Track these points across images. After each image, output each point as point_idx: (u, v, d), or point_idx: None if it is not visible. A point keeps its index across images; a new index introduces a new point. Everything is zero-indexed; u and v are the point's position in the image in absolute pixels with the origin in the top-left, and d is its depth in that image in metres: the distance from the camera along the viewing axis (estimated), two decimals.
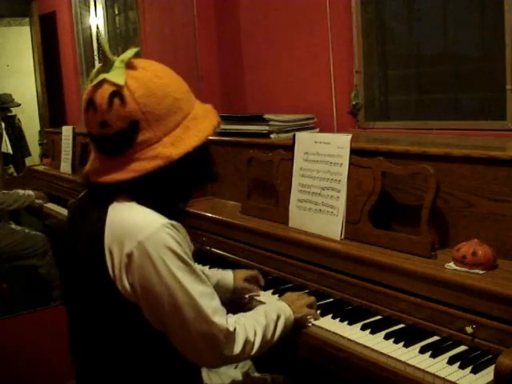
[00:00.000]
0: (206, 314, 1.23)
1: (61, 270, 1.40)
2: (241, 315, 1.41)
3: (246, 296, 1.82)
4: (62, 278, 1.39)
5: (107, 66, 1.22)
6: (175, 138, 1.23)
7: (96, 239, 1.22)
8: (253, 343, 1.34)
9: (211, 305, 1.25)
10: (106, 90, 1.20)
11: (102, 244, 1.21)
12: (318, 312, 1.64)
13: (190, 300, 1.22)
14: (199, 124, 1.27)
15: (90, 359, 1.33)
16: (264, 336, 1.38)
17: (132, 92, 1.19)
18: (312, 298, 1.65)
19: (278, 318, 1.46)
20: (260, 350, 1.37)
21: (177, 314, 1.22)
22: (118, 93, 1.19)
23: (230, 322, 1.30)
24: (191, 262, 1.25)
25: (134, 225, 1.20)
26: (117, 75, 1.20)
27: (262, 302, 1.77)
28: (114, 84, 1.19)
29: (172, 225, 1.22)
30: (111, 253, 1.21)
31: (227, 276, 1.79)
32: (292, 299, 1.60)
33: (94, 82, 1.22)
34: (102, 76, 1.21)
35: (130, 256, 1.19)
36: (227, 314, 1.34)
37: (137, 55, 1.27)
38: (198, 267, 2.13)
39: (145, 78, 1.22)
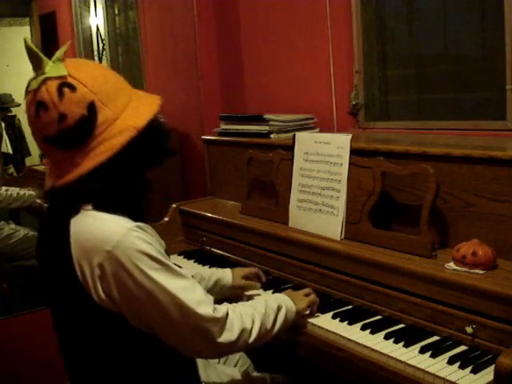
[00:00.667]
0: (190, 309, 1.22)
1: (39, 279, 1.38)
2: (239, 304, 1.41)
3: (246, 293, 1.82)
4: (41, 285, 1.36)
5: (41, 66, 1.20)
6: (133, 111, 1.23)
7: (63, 253, 1.21)
8: (250, 331, 1.32)
9: (194, 297, 1.23)
10: (51, 85, 1.18)
11: (70, 258, 1.19)
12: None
13: (172, 298, 1.20)
14: (147, 99, 1.29)
15: (80, 361, 1.32)
16: (262, 324, 1.36)
17: (77, 78, 1.19)
18: (313, 295, 1.65)
19: (279, 308, 1.45)
20: (259, 339, 1.36)
21: (162, 315, 1.21)
22: (65, 83, 1.18)
23: (220, 309, 1.29)
24: (165, 260, 1.22)
25: (100, 235, 1.18)
26: (56, 69, 1.19)
27: (250, 298, 1.78)
28: (58, 77, 1.18)
29: (138, 226, 1.20)
30: (81, 265, 1.19)
31: (226, 274, 1.79)
32: (293, 293, 1.60)
33: (34, 86, 1.19)
34: (40, 78, 1.19)
35: (101, 267, 1.17)
36: (223, 302, 1.34)
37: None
38: (197, 266, 2.15)
39: (83, 67, 1.23)
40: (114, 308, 1.20)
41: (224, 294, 1.74)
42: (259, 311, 1.38)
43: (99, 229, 1.19)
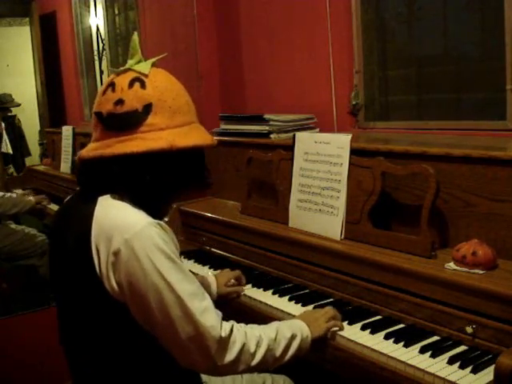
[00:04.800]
0: (192, 315, 1.20)
1: (50, 272, 1.39)
2: (248, 325, 1.36)
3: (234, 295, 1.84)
4: (50, 279, 1.38)
5: (135, 60, 1.32)
6: (180, 133, 1.28)
7: (83, 235, 1.22)
8: (253, 353, 1.29)
9: (200, 306, 1.22)
10: (130, 75, 1.29)
11: (89, 241, 1.21)
12: (345, 323, 1.57)
13: (176, 298, 1.20)
14: (201, 132, 1.35)
15: (83, 360, 1.32)
16: (269, 350, 1.32)
17: (153, 81, 1.29)
18: (334, 313, 1.56)
19: (293, 337, 1.39)
20: (264, 364, 1.32)
21: (164, 313, 1.20)
22: (140, 79, 1.28)
23: (225, 326, 1.26)
24: (178, 261, 1.23)
25: (122, 223, 1.21)
26: (142, 66, 1.30)
27: (251, 297, 1.80)
28: (138, 72, 1.29)
29: (159, 224, 1.23)
30: (98, 250, 1.21)
31: (209, 284, 1.76)
32: (311, 318, 1.51)
33: (118, 71, 1.32)
34: (126, 67, 1.31)
35: (116, 254, 1.19)
36: (230, 320, 1.31)
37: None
38: (197, 266, 2.15)
39: (167, 76, 1.34)
40: (122, 299, 1.21)
41: None
42: (268, 335, 1.34)
43: (122, 217, 1.23)
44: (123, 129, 1.25)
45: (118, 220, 1.22)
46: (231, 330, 1.26)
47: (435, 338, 1.47)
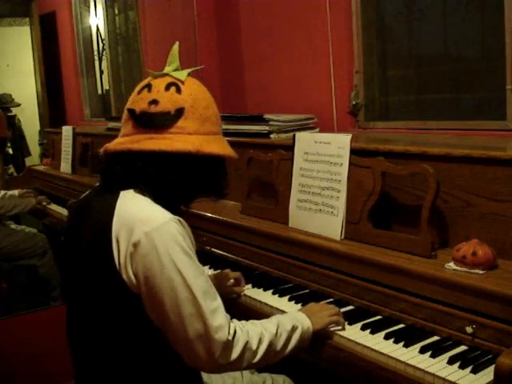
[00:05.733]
0: (203, 313, 1.22)
1: (62, 269, 1.41)
2: (249, 322, 1.38)
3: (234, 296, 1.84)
4: (62, 276, 1.41)
5: (172, 67, 1.39)
6: (206, 140, 1.34)
7: (104, 226, 1.25)
8: (255, 351, 1.30)
9: (211, 306, 1.24)
10: (166, 80, 1.35)
11: (110, 231, 1.24)
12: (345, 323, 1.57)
13: (190, 294, 1.22)
14: (225, 144, 1.41)
15: (89, 357, 1.34)
16: (271, 345, 1.34)
17: (188, 88, 1.36)
18: (336, 309, 1.59)
19: (294, 329, 1.41)
20: (266, 359, 1.34)
21: (176, 308, 1.22)
22: (176, 84, 1.35)
23: (231, 327, 1.27)
24: (195, 258, 1.26)
25: (143, 216, 1.24)
26: (180, 73, 1.37)
27: (251, 297, 1.80)
28: (175, 78, 1.36)
29: (179, 220, 1.27)
30: (118, 241, 1.23)
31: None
32: (313, 310, 1.54)
33: (155, 75, 1.38)
34: (164, 72, 1.37)
35: (136, 246, 1.21)
36: (232, 319, 1.32)
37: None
38: None
39: (201, 87, 1.41)
40: (137, 291, 1.24)
41: None
42: (269, 331, 1.35)
43: (144, 210, 1.26)
44: (154, 127, 1.30)
45: (140, 213, 1.25)
46: (235, 332, 1.28)
47: (435, 338, 1.47)
